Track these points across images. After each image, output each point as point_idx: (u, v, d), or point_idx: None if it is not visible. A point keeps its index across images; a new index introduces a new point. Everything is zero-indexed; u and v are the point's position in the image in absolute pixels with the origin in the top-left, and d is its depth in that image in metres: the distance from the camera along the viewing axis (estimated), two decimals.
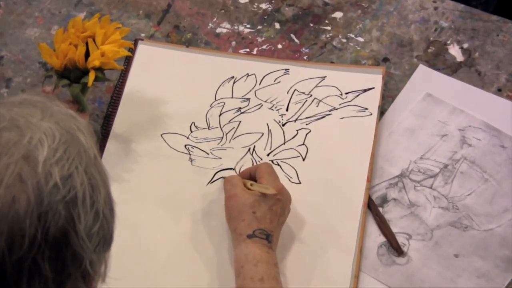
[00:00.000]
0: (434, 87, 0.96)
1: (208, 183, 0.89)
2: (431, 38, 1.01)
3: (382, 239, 0.85)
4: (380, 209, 0.87)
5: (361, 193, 0.87)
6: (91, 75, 0.83)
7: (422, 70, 0.98)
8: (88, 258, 0.51)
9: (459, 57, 0.99)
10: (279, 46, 1.02)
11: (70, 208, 0.50)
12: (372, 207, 0.87)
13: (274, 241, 0.79)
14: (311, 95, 0.95)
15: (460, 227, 0.86)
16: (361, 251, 0.83)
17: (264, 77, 0.97)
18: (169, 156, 0.91)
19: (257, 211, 0.78)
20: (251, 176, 0.84)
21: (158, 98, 0.95)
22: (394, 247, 0.84)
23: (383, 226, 0.86)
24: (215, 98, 0.96)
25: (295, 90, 0.96)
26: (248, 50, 1.01)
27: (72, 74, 0.84)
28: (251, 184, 0.81)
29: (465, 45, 1.00)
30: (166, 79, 0.97)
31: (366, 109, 0.93)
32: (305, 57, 1.01)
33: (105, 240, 0.53)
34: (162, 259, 0.83)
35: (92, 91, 0.95)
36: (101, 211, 0.52)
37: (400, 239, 0.85)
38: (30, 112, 0.52)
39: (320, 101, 0.94)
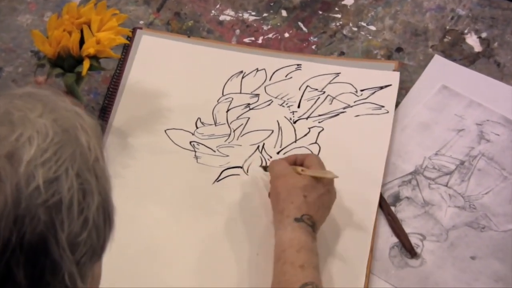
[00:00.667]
0: (450, 79, 0.95)
1: (215, 181, 0.88)
2: (448, 27, 0.99)
3: (394, 240, 0.84)
4: (392, 208, 0.86)
5: (375, 194, 0.86)
6: (86, 64, 0.81)
7: (438, 61, 0.97)
8: (67, 270, 0.48)
9: (477, 47, 0.97)
10: (286, 34, 1.00)
11: (53, 213, 0.47)
12: (384, 206, 0.86)
13: (316, 232, 0.77)
14: (324, 92, 0.94)
15: (477, 227, 0.84)
16: (371, 252, 0.82)
17: (274, 72, 0.96)
18: (173, 152, 0.89)
19: (308, 196, 0.77)
20: (295, 161, 0.82)
21: (162, 92, 0.94)
22: (407, 249, 0.83)
23: (396, 226, 0.85)
24: (223, 93, 0.94)
25: (307, 86, 0.94)
26: (253, 39, 0.99)
27: (66, 63, 0.82)
28: (302, 170, 0.79)
29: (484, 35, 0.99)
30: (170, 72, 0.96)
31: (383, 106, 0.92)
32: (313, 47, 0.99)
33: (94, 251, 0.50)
34: (162, 260, 0.82)
35: (87, 82, 0.93)
36: (92, 219, 0.49)
37: (414, 240, 0.84)
38: (30, 106, 0.50)
39: (334, 98, 0.93)
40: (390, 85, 0.93)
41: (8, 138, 0.48)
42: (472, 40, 0.98)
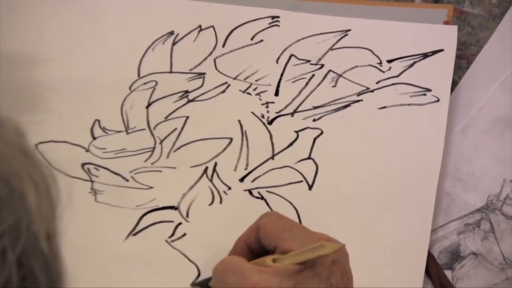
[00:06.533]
0: None
1: (129, 234, 0.86)
2: None
3: None
4: (448, 273, 0.84)
5: (420, 251, 0.84)
6: None
7: None
8: None
9: None
10: None
11: None
12: (432, 270, 0.84)
13: None
14: (322, 66, 0.93)
15: None
16: None
17: (232, 31, 0.96)
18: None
19: None
20: (251, 250, 0.79)
21: (29, 70, 0.95)
22: None
23: None
24: (139, 74, 0.94)
25: (291, 55, 0.94)
26: None
27: None
28: (274, 260, 0.75)
29: None
30: (42, 32, 0.97)
31: (428, 90, 0.90)
32: None
33: None
34: None
35: None
36: None
37: None
38: None
39: (340, 75, 0.92)
40: (442, 49, 0.93)
41: None
42: None
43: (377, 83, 0.91)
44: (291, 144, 0.89)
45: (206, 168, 0.88)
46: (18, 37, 0.96)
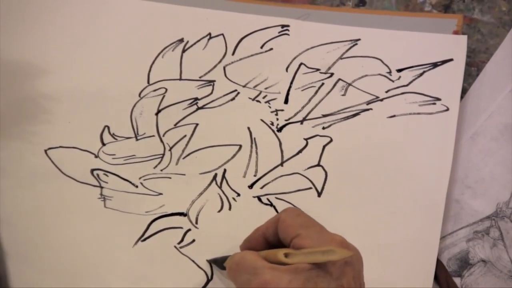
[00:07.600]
0: None
1: (138, 240, 0.85)
2: None
3: None
4: (457, 280, 0.83)
5: (429, 257, 0.83)
6: None
7: None
8: None
9: None
10: None
11: None
12: (440, 277, 0.84)
13: None
14: (331, 75, 0.93)
15: None
16: None
17: (241, 39, 0.96)
18: (61, 189, 0.88)
19: None
20: (267, 241, 0.79)
21: (37, 77, 0.94)
22: None
23: None
24: (148, 81, 0.94)
25: (301, 64, 0.94)
26: None
27: None
28: (286, 255, 0.75)
29: None
30: (51, 40, 0.97)
31: (438, 99, 0.90)
32: None
33: None
34: None
35: None
36: None
37: None
38: None
39: (350, 84, 0.92)
40: (451, 59, 0.92)
41: None
42: None
43: (386, 92, 0.91)
44: (300, 151, 0.89)
45: (215, 175, 0.88)
46: (23, 46, 0.96)
